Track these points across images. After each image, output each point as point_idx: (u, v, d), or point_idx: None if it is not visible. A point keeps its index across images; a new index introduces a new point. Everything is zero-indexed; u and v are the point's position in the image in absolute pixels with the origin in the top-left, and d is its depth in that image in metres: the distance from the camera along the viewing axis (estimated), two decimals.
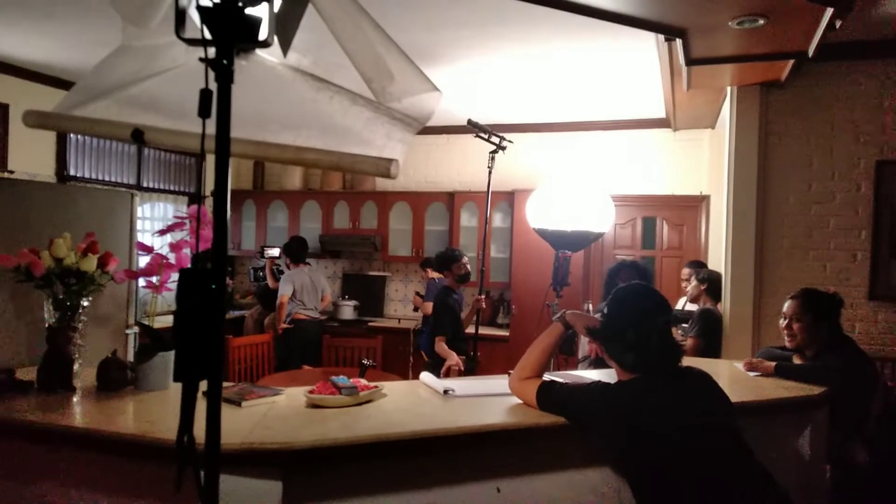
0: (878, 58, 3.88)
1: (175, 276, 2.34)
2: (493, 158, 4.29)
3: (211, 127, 0.99)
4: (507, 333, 6.30)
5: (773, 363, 2.65)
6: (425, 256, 6.53)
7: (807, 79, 4.00)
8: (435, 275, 5.70)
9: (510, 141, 4.35)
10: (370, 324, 6.71)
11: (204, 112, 0.96)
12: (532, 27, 3.82)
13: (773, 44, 2.96)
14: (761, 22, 2.63)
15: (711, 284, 4.41)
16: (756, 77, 3.86)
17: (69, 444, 1.80)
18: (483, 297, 4.67)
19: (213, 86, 0.98)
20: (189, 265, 2.21)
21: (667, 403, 1.84)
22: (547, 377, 2.15)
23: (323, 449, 1.68)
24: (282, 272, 6.50)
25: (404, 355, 6.37)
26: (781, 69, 3.67)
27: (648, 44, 4.07)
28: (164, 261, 2.27)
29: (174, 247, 2.28)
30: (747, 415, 2.19)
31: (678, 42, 2.96)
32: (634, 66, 4.64)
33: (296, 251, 6.01)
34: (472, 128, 4.11)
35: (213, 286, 0.97)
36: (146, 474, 1.76)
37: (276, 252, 6.66)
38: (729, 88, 4.23)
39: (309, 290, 5.93)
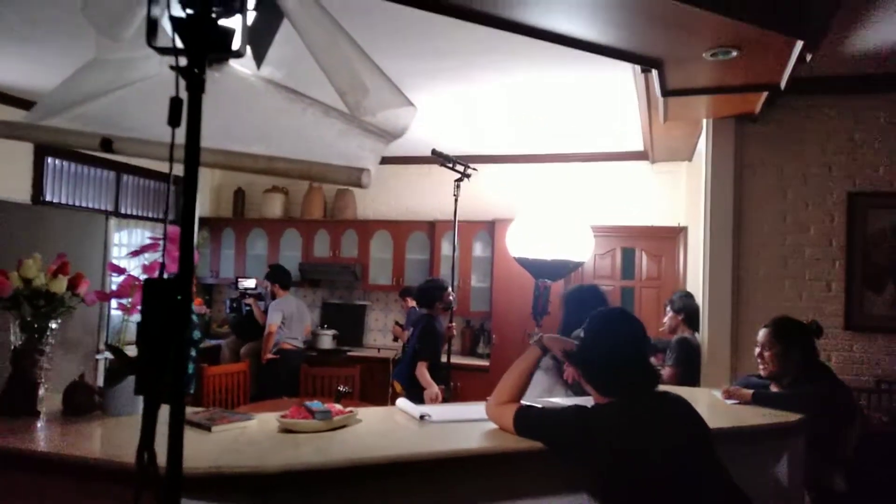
0: (849, 93, 3.98)
1: None
2: (458, 186, 4.37)
3: (181, 137, 0.98)
4: (488, 363, 6.26)
5: (751, 391, 2.65)
6: (405, 285, 6.51)
7: (780, 112, 4.09)
8: (415, 303, 5.67)
9: (474, 168, 4.41)
10: (349, 353, 6.64)
11: (174, 121, 0.96)
12: (514, 57, 3.88)
13: (746, 76, 3.03)
14: (734, 54, 2.69)
15: (688, 314, 4.43)
16: (731, 110, 3.94)
17: (31, 469, 1.74)
18: (453, 325, 4.66)
19: (184, 95, 0.98)
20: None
21: (644, 427, 1.83)
22: (524, 402, 2.13)
23: (295, 473, 1.64)
24: (264, 300, 6.43)
25: (383, 385, 6.28)
26: (755, 102, 3.75)
27: (627, 75, 4.15)
28: (137, 282, 2.23)
29: (147, 269, 2.25)
30: (725, 442, 2.18)
31: (654, 73, 3.02)
32: (613, 98, 4.72)
33: (284, 277, 5.98)
34: (437, 157, 4.16)
35: (179, 297, 0.95)
36: (113, 500, 1.69)
37: (251, 283, 6.60)
38: (704, 121, 4.31)
39: (296, 318, 5.88)
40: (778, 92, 3.22)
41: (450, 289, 4.88)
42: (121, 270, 2.23)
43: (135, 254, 2.24)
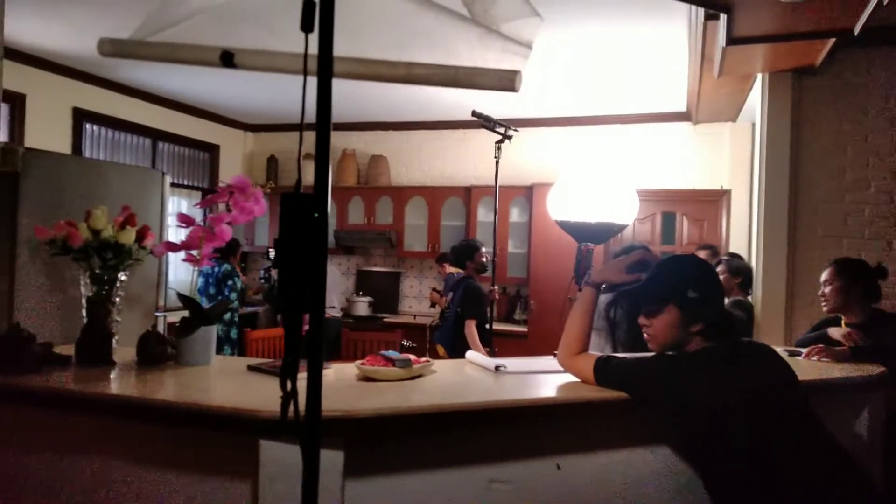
0: None
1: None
2: (499, 148, 4.26)
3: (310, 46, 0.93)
4: (525, 329, 6.22)
5: (846, 348, 2.58)
6: (441, 252, 6.46)
7: (840, 65, 3.94)
8: (452, 269, 5.62)
9: (516, 130, 4.30)
10: (385, 320, 6.64)
11: (307, 25, 0.90)
12: (563, 6, 3.75)
13: (819, 20, 2.89)
14: None
15: (744, 277, 4.35)
16: (790, 62, 3.80)
17: (115, 415, 1.72)
18: (496, 288, 4.62)
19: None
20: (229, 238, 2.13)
21: (736, 374, 1.77)
22: (601, 354, 2.07)
23: (384, 419, 1.60)
24: None
25: (421, 351, 6.27)
26: (817, 53, 3.61)
27: (678, 28, 4.02)
28: (205, 234, 2.20)
29: (215, 219, 2.21)
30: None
31: (722, 19, 2.89)
32: (661, 55, 4.58)
33: None
34: (477, 118, 4.06)
35: (316, 214, 0.90)
36: (195, 444, 1.68)
37: None
38: (760, 76, 4.17)
39: (331, 285, 5.85)
40: (850, 38, 3.07)
41: (483, 249, 4.86)
42: (189, 221, 2.20)
43: (204, 203, 2.20)
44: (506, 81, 0.83)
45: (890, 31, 3.72)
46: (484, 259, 4.83)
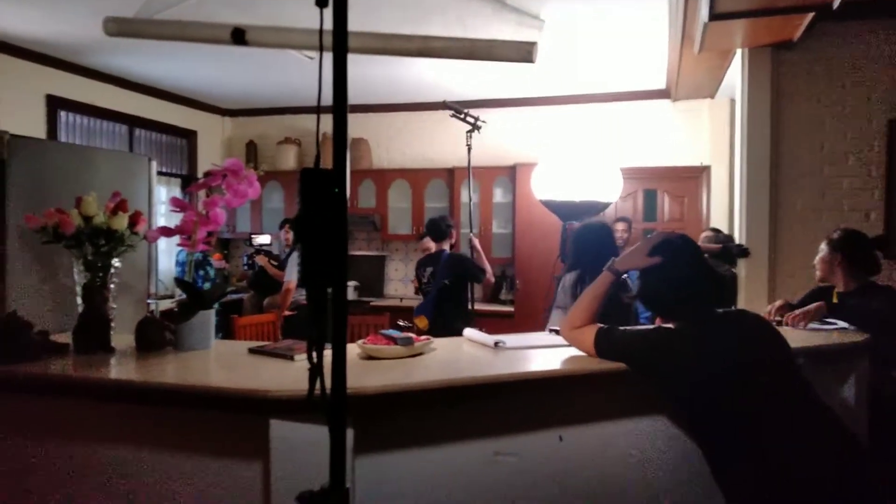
0: (889, 16, 3.88)
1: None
2: (470, 137, 4.34)
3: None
4: (512, 309, 6.26)
5: (821, 302, 2.67)
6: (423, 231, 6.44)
7: (818, 39, 3.99)
8: (433, 246, 5.60)
9: (484, 121, 4.36)
10: (371, 304, 6.64)
11: (321, 0, 0.90)
12: None
13: None
14: None
15: (724, 249, 4.42)
16: (769, 37, 3.84)
17: (118, 401, 1.72)
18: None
19: None
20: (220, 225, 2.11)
21: (722, 346, 1.81)
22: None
23: (392, 395, 1.62)
24: (277, 257, 6.41)
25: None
26: (796, 28, 3.65)
27: (659, 5, 4.04)
28: (199, 218, 2.18)
29: (209, 203, 2.20)
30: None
31: None
32: (642, 33, 4.59)
33: None
34: (448, 108, 4.05)
35: (336, 189, 0.91)
36: (206, 428, 1.69)
37: (266, 239, 6.56)
38: (739, 52, 4.21)
39: None
40: (828, 12, 3.12)
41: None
42: (184, 205, 2.18)
43: (196, 187, 2.18)
44: (524, 53, 0.84)
45: (866, 5, 3.79)
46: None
